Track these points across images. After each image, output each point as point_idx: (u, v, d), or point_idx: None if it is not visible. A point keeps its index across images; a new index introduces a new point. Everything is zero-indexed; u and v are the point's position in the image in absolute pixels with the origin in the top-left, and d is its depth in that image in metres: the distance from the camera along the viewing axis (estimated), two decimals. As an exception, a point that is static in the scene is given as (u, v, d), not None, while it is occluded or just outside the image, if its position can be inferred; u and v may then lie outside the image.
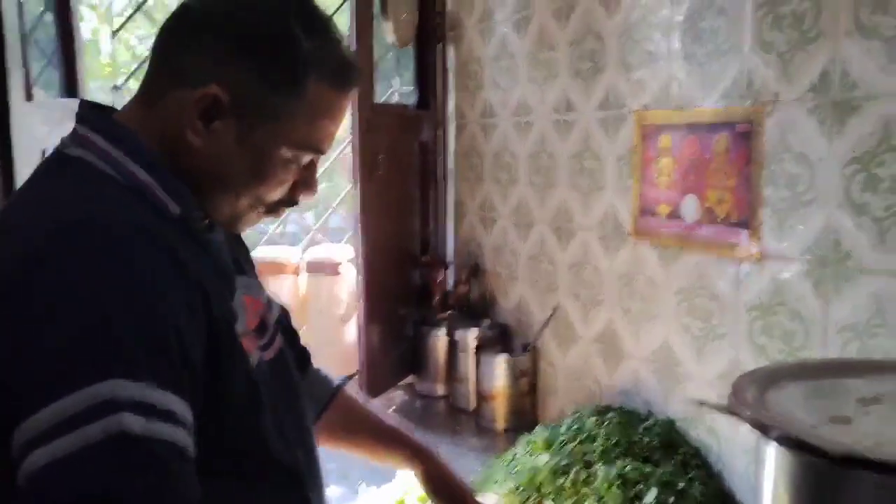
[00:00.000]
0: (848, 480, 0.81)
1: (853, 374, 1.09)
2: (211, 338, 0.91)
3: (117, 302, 0.81)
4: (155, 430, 0.79)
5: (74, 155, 0.95)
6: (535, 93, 2.26)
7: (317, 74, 0.96)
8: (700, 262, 1.71)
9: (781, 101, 1.49)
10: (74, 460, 0.76)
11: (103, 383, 0.77)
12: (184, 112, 0.93)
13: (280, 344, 1.16)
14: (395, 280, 2.51)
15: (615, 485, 1.63)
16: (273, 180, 0.99)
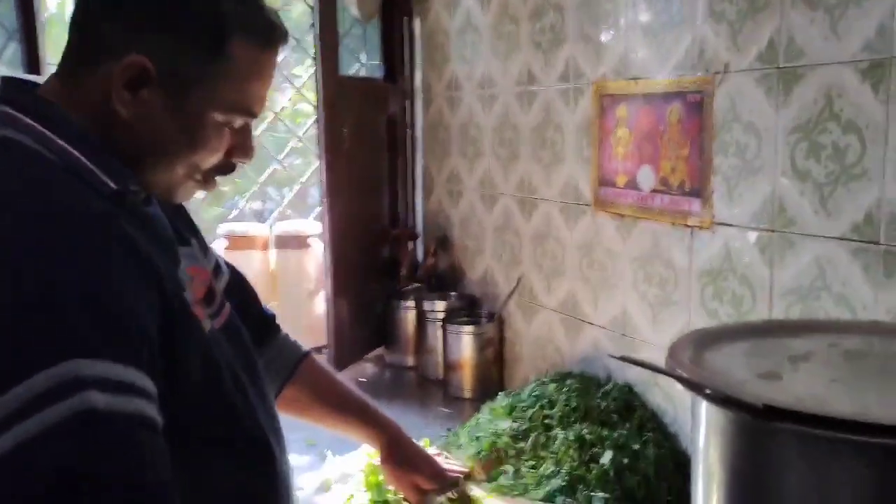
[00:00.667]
0: (769, 433, 0.85)
1: (788, 334, 1.13)
2: (166, 312, 0.93)
3: (72, 287, 0.83)
4: (120, 404, 0.81)
5: (3, 135, 0.95)
6: (498, 66, 2.28)
7: (240, 35, 0.97)
8: (656, 231, 1.75)
9: (731, 70, 1.52)
10: (43, 440, 0.77)
11: (66, 363, 0.79)
12: (109, 83, 0.93)
13: (228, 311, 1.18)
14: (363, 253, 2.54)
15: (572, 447, 1.68)
16: (207, 146, 1.00)
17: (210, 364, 1.02)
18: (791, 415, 0.81)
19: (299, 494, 1.71)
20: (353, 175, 2.44)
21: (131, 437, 0.82)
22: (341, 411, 1.46)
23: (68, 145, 0.94)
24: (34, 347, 0.79)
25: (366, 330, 2.57)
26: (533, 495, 1.60)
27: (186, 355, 0.96)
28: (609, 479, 1.61)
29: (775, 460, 0.87)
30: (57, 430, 0.77)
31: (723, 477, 0.94)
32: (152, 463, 0.85)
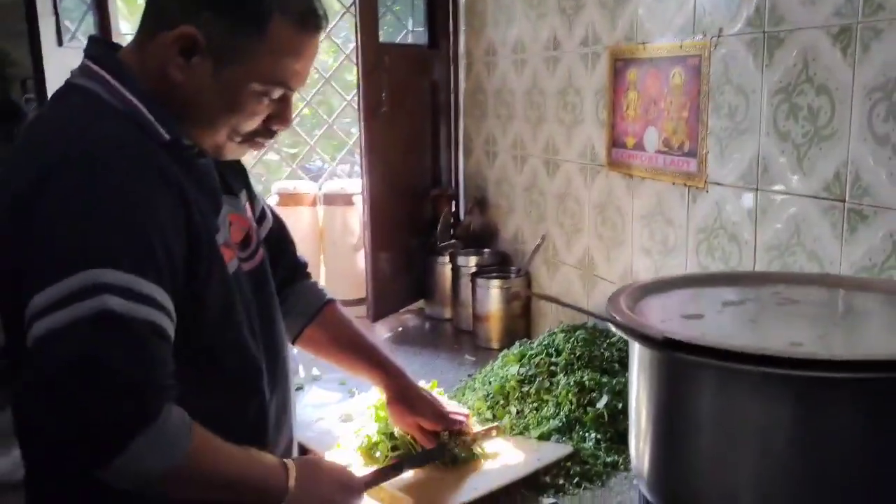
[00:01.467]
0: (670, 363, 0.95)
1: (735, 284, 1.22)
2: (191, 240, 1.11)
3: (109, 206, 1.02)
4: (134, 309, 1.00)
5: (80, 84, 1.15)
6: (529, 31, 2.37)
7: (280, 16, 1.13)
8: (659, 190, 1.83)
9: (724, 35, 1.58)
10: (66, 330, 0.98)
11: (92, 271, 0.99)
12: (167, 51, 1.12)
13: (262, 258, 1.36)
14: (402, 211, 2.68)
15: (572, 392, 1.79)
16: (245, 112, 1.18)
17: (228, 295, 1.19)
18: (686, 346, 0.92)
19: (323, 424, 1.90)
20: (393, 138, 2.57)
21: (139, 338, 1.01)
22: (352, 354, 1.63)
23: (134, 98, 1.12)
24: (71, 254, 1.00)
25: (404, 284, 2.72)
26: (532, 434, 1.72)
27: (207, 282, 1.14)
28: (603, 421, 1.71)
29: (677, 388, 0.98)
30: (79, 323, 0.98)
31: (644, 404, 1.05)
32: (153, 363, 1.04)
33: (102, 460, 0.99)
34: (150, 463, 1.02)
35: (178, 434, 1.05)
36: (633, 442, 1.11)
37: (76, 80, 1.16)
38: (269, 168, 4.03)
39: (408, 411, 1.59)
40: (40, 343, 0.99)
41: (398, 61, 2.62)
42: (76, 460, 1.03)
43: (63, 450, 1.04)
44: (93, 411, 0.98)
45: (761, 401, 0.89)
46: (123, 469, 1.00)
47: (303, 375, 2.22)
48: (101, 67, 1.15)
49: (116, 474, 1.01)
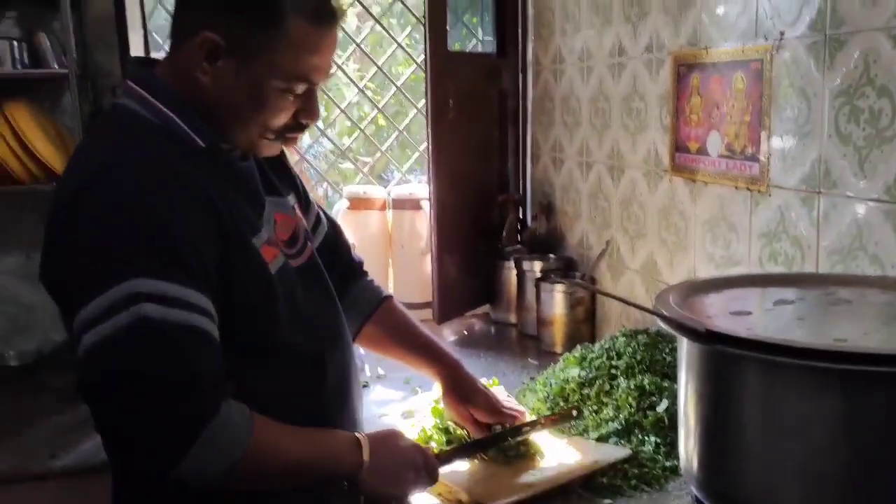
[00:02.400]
0: (713, 355, 0.97)
1: (791, 285, 1.22)
2: (223, 245, 1.17)
3: (135, 220, 1.09)
4: (170, 315, 1.06)
5: (121, 103, 1.24)
6: (594, 38, 2.39)
7: (294, 14, 1.18)
8: (722, 195, 1.83)
9: (786, 38, 1.58)
10: (108, 342, 1.04)
11: (128, 282, 1.05)
12: (193, 57, 1.19)
13: (310, 253, 1.41)
14: (469, 216, 2.73)
15: (632, 395, 1.80)
16: (272, 108, 1.23)
17: (270, 291, 1.25)
18: (727, 338, 0.93)
19: (386, 420, 1.96)
20: (460, 144, 2.63)
21: (178, 341, 1.07)
22: (410, 348, 1.67)
23: (168, 111, 1.21)
24: (109, 267, 1.07)
25: (470, 288, 2.77)
26: (590, 436, 1.74)
27: (245, 281, 1.20)
28: (663, 425, 1.71)
29: (720, 382, 0.99)
30: (120, 333, 1.04)
31: (690, 400, 1.07)
32: (196, 364, 1.09)
33: (169, 464, 1.05)
34: (214, 460, 1.07)
35: (240, 428, 1.10)
36: (681, 439, 1.13)
37: (118, 100, 1.25)
38: (344, 176, 4.15)
39: (462, 403, 1.61)
40: (87, 356, 1.05)
41: (466, 69, 2.68)
42: (145, 465, 1.10)
43: (130, 457, 1.11)
44: (147, 419, 1.04)
45: (803, 395, 0.90)
46: (190, 470, 1.06)
47: (369, 374, 2.29)
48: (138, 85, 1.23)
49: (185, 475, 1.06)
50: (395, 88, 3.33)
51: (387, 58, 3.38)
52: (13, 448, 1.97)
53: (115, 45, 2.45)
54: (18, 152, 2.23)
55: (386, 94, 3.64)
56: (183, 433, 1.05)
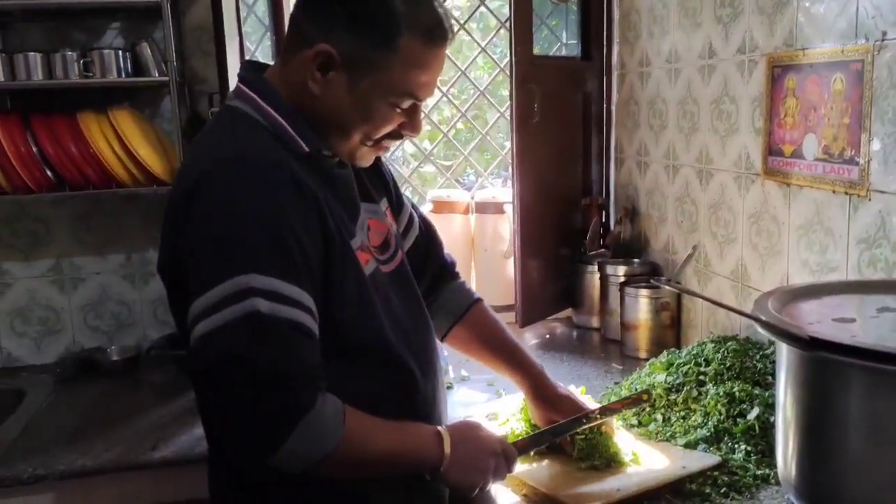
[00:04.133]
0: (815, 364, 0.96)
1: (894, 292, 1.18)
2: (326, 246, 1.22)
3: (251, 217, 1.15)
4: (279, 310, 1.13)
5: (233, 105, 1.30)
6: (683, 40, 2.36)
7: (409, 33, 1.21)
8: (817, 199, 1.78)
9: (889, 38, 1.53)
10: (221, 330, 1.11)
11: (242, 276, 1.12)
12: (306, 67, 1.24)
13: (400, 259, 1.45)
14: (552, 220, 2.73)
15: (721, 402, 1.77)
16: (377, 121, 1.28)
17: (364, 294, 1.30)
18: (831, 346, 0.92)
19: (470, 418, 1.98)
20: (544, 147, 2.64)
21: (284, 336, 1.13)
22: (496, 353, 1.70)
23: (277, 115, 1.26)
24: (226, 262, 1.13)
25: (553, 291, 2.77)
26: (678, 442, 1.72)
27: (343, 283, 1.25)
28: (754, 433, 1.68)
29: (822, 389, 0.98)
30: (232, 324, 1.10)
31: (790, 407, 1.05)
32: (299, 358, 1.15)
33: (267, 451, 1.11)
34: (309, 449, 1.13)
35: (333, 420, 1.16)
36: (779, 446, 1.12)
37: (230, 102, 1.31)
38: (424, 179, 4.20)
39: (547, 409, 1.63)
40: (200, 342, 1.12)
41: (551, 73, 2.68)
42: (244, 451, 1.16)
43: (231, 442, 1.17)
44: (250, 405, 1.10)
45: None
46: (287, 457, 1.12)
47: (452, 376, 2.31)
48: (249, 89, 1.29)
49: (281, 462, 1.12)
50: (476, 92, 3.35)
51: (469, 63, 3.40)
52: (118, 439, 2.07)
53: (211, 52, 2.54)
54: (122, 156, 2.34)
55: (464, 98, 3.67)
56: (281, 423, 1.10)
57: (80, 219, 2.65)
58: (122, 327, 2.74)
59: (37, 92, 2.41)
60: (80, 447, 2.02)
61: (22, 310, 2.67)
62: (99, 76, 2.34)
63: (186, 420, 2.16)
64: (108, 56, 2.36)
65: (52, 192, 2.39)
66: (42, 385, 2.50)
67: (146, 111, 2.61)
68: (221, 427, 1.14)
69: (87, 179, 2.36)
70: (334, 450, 1.15)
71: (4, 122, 2.29)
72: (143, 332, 2.75)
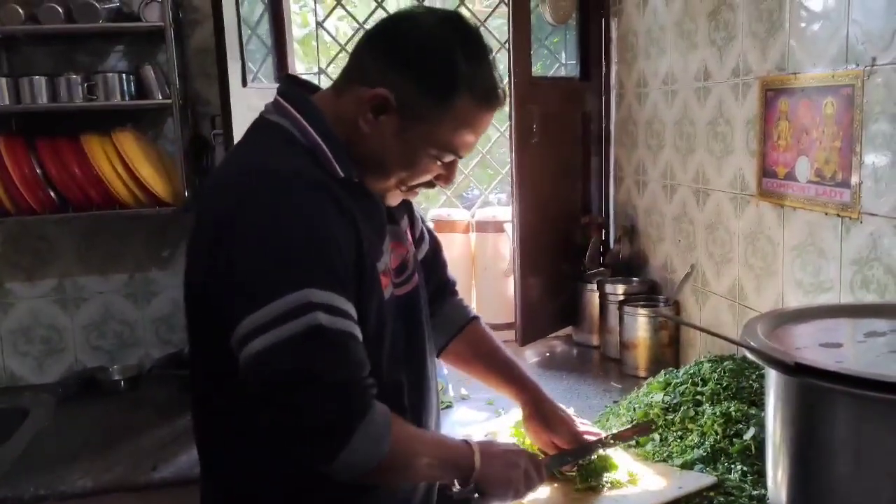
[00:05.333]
0: (802, 387, 0.97)
1: (883, 315, 1.20)
2: (359, 262, 1.24)
3: (301, 232, 1.17)
4: (338, 323, 1.15)
5: (273, 120, 1.32)
6: (679, 62, 2.39)
7: (467, 92, 1.24)
8: (810, 221, 1.80)
9: (878, 64, 1.56)
10: (285, 345, 1.12)
11: (301, 291, 1.13)
12: (360, 104, 1.25)
13: (416, 283, 1.47)
14: (552, 238, 2.75)
15: (717, 422, 1.78)
16: (417, 170, 1.30)
17: (381, 318, 1.32)
18: (816, 371, 0.94)
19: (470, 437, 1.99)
20: (544, 167, 2.66)
21: (344, 346, 1.16)
22: (493, 370, 1.72)
23: (318, 137, 1.27)
24: (283, 278, 1.14)
25: (553, 309, 2.79)
26: (674, 462, 1.73)
27: (369, 301, 1.27)
28: (750, 454, 1.69)
29: (809, 414, 0.99)
30: (295, 337, 1.12)
31: (779, 431, 1.07)
32: (358, 367, 1.18)
33: (331, 455, 1.14)
34: (366, 453, 1.16)
35: (385, 425, 1.19)
36: (769, 469, 1.13)
37: (269, 116, 1.32)
38: (426, 196, 4.23)
39: (543, 428, 1.65)
40: (261, 357, 1.13)
41: (550, 93, 2.71)
42: (308, 457, 1.18)
43: (294, 451, 1.19)
44: (317, 413, 1.13)
45: (888, 427, 0.89)
46: (347, 461, 1.15)
47: (452, 394, 2.33)
48: (291, 105, 1.30)
49: (340, 468, 1.15)
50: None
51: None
52: (120, 459, 2.09)
53: (213, 74, 2.57)
54: (125, 178, 2.37)
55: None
56: (344, 428, 1.14)
57: (83, 239, 2.69)
58: (124, 347, 2.77)
59: (41, 114, 2.45)
60: (81, 467, 2.04)
61: (25, 329, 2.70)
62: (103, 99, 2.38)
63: (187, 440, 2.17)
64: (111, 79, 2.39)
65: (56, 214, 2.42)
66: (44, 405, 2.52)
67: (149, 133, 2.64)
68: (287, 438, 1.16)
69: (90, 200, 2.39)
70: (385, 455, 1.18)
71: (9, 145, 2.33)
72: (146, 351, 2.78)
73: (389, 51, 1.26)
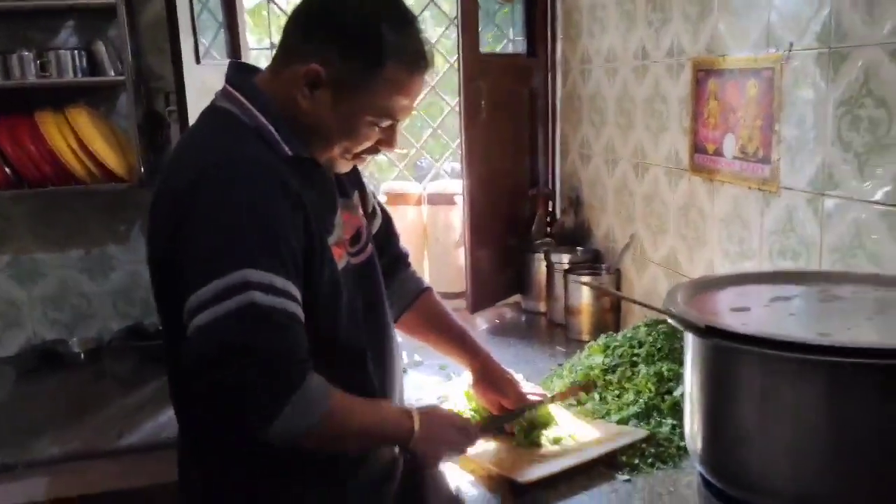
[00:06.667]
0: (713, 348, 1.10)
1: (789, 281, 1.34)
2: (308, 242, 1.33)
3: (246, 218, 1.26)
4: (274, 301, 1.24)
5: (222, 106, 1.40)
6: (619, 41, 2.50)
7: (394, 61, 1.33)
8: (736, 194, 1.94)
9: (795, 49, 1.68)
10: (221, 320, 1.22)
11: (241, 271, 1.23)
12: (296, 81, 1.34)
13: (370, 252, 1.57)
14: (501, 211, 2.87)
15: (651, 381, 1.93)
16: (357, 137, 1.40)
17: (335, 287, 1.42)
18: (722, 333, 1.06)
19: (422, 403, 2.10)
20: (492, 142, 2.76)
21: (279, 324, 1.25)
22: (444, 337, 1.83)
23: (265, 120, 1.36)
24: (224, 257, 1.24)
25: (502, 278, 2.91)
26: (612, 419, 1.87)
27: (321, 274, 1.37)
28: (679, 409, 1.84)
29: (718, 371, 1.12)
30: (231, 314, 1.22)
31: (694, 386, 1.20)
32: (292, 343, 1.27)
33: (264, 424, 1.24)
34: (298, 422, 1.26)
35: (319, 397, 1.29)
36: (687, 421, 1.26)
37: (219, 103, 1.41)
38: (380, 168, 4.30)
39: (491, 390, 1.78)
40: (201, 332, 1.23)
41: (498, 70, 2.80)
42: (242, 427, 1.27)
43: (229, 419, 1.28)
44: (251, 385, 1.23)
45: (787, 382, 1.03)
46: (279, 430, 1.24)
47: (406, 361, 2.44)
48: (238, 91, 1.39)
49: (273, 435, 1.25)
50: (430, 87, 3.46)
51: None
52: (85, 427, 2.16)
53: (165, 49, 2.61)
54: (80, 154, 2.41)
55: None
56: (277, 398, 1.24)
57: (40, 215, 2.72)
58: (82, 319, 2.82)
59: (-6, 92, 2.47)
60: (48, 436, 2.11)
61: (-20, 304, 2.73)
62: (56, 76, 2.40)
63: (151, 408, 2.26)
64: (64, 56, 2.42)
65: (11, 190, 2.44)
66: (4, 377, 2.57)
67: (102, 108, 2.67)
68: (223, 406, 1.25)
69: (45, 177, 2.43)
70: (318, 423, 1.28)
71: (-37, 123, 2.35)
72: (104, 323, 2.83)
73: (318, 27, 1.35)
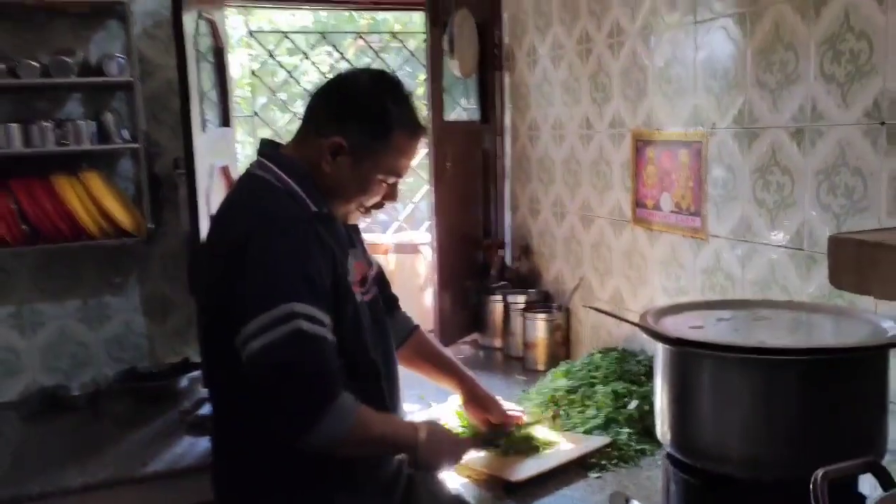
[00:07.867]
0: (682, 355, 1.48)
1: (726, 308, 1.74)
2: (335, 280, 1.65)
3: (290, 263, 1.57)
4: (315, 329, 1.55)
5: (258, 174, 1.72)
6: (566, 113, 2.94)
7: (399, 129, 1.69)
8: (673, 241, 2.38)
9: (717, 128, 2.15)
10: (274, 345, 1.52)
11: (287, 304, 1.53)
12: (321, 151, 1.68)
13: (375, 293, 1.90)
14: (462, 258, 3.24)
15: (609, 398, 2.30)
16: (370, 193, 1.74)
17: (357, 320, 1.74)
18: (690, 342, 1.45)
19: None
20: (454, 197, 3.14)
21: (320, 348, 1.56)
22: (437, 367, 2.16)
23: (291, 181, 1.69)
24: (273, 293, 1.54)
25: (463, 318, 3.27)
26: (578, 430, 2.24)
27: (344, 308, 1.68)
28: (634, 420, 2.21)
29: (685, 372, 1.50)
30: (282, 340, 1.52)
31: (665, 385, 1.58)
32: (329, 363, 1.58)
33: (306, 430, 1.53)
34: (334, 430, 1.55)
35: (350, 409, 1.59)
36: (658, 417, 1.63)
37: (254, 171, 1.73)
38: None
39: (478, 409, 2.12)
40: (257, 355, 1.52)
41: (458, 135, 3.21)
42: (290, 431, 1.56)
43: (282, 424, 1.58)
44: (297, 397, 1.53)
45: (736, 377, 1.40)
46: (319, 436, 1.54)
47: (389, 391, 2.74)
48: (271, 162, 1.72)
49: (314, 440, 1.54)
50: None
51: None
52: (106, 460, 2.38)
53: (161, 119, 2.91)
54: (93, 212, 2.66)
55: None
56: (318, 408, 1.53)
57: (41, 268, 2.92)
58: (78, 366, 3.01)
59: (12, 157, 2.69)
60: (73, 468, 2.32)
61: (-18, 353, 2.89)
62: (73, 144, 2.65)
63: (164, 440, 2.49)
64: (80, 126, 2.67)
65: (27, 246, 2.66)
66: (9, 421, 2.74)
67: (104, 172, 2.91)
68: (275, 415, 1.54)
69: (60, 233, 2.66)
70: (350, 430, 1.56)
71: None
72: (100, 369, 3.03)
73: (338, 106, 1.70)
